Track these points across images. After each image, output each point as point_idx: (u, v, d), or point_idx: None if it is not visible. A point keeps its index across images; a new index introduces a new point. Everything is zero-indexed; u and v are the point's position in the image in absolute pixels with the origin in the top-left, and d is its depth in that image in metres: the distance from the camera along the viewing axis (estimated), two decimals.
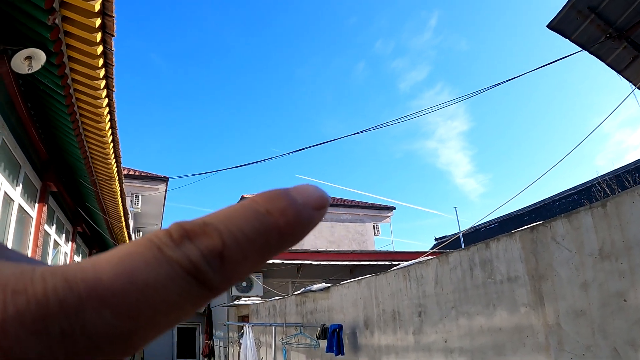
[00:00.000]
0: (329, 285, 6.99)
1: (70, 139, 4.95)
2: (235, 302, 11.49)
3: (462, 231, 13.88)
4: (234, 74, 61.89)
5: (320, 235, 18.33)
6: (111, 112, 4.45)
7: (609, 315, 2.74)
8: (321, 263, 12.83)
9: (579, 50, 5.42)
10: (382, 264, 12.82)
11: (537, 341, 3.25)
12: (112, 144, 5.04)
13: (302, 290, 7.80)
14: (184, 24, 62.08)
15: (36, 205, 5.81)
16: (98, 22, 3.26)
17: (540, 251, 3.26)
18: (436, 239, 21.55)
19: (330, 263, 12.92)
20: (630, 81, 5.59)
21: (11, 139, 4.69)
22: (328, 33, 63.39)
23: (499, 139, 62.11)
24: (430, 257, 4.76)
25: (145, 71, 57.02)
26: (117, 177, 5.96)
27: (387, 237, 19.53)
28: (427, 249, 17.27)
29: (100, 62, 3.64)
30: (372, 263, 13.33)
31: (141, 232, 15.33)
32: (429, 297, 4.50)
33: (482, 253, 3.82)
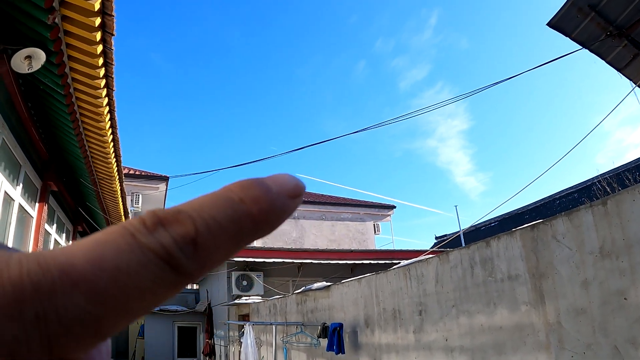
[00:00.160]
0: (329, 284, 6.99)
1: (71, 138, 4.95)
2: (236, 301, 11.50)
3: (463, 230, 13.89)
4: (234, 73, 61.87)
5: (320, 234, 18.34)
6: (111, 111, 4.45)
7: (610, 314, 2.74)
8: (322, 262, 12.83)
9: (579, 48, 5.41)
10: (383, 262, 12.82)
11: (538, 339, 3.25)
12: (112, 143, 5.04)
13: (302, 289, 7.80)
14: (184, 23, 62.04)
15: (36, 204, 5.82)
16: (98, 21, 3.26)
17: (541, 249, 3.26)
18: (436, 238, 21.56)
19: (331, 262, 12.92)
20: (630, 79, 5.58)
21: (11, 139, 4.69)
22: (328, 32, 63.35)
23: (499, 138, 62.13)
24: (431, 256, 4.76)
25: (146, 70, 57.00)
26: (118, 177, 5.96)
27: (388, 236, 19.55)
28: (427, 247, 17.29)
29: (100, 61, 3.63)
30: (372, 262, 13.34)
31: None
32: (429, 296, 4.50)
33: (483, 251, 3.82)
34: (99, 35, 3.38)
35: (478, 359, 3.81)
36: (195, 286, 18.62)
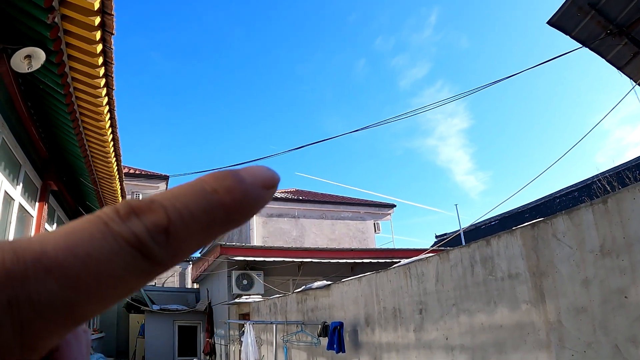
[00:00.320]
0: (329, 282, 7.00)
1: (70, 137, 4.95)
2: (236, 300, 11.51)
3: (463, 228, 13.90)
4: (234, 71, 61.86)
5: (321, 233, 18.35)
6: (111, 111, 4.45)
7: (610, 312, 2.74)
8: (322, 261, 12.84)
9: (579, 46, 5.41)
10: (383, 261, 12.82)
11: (538, 338, 3.25)
12: (112, 143, 5.03)
13: (302, 288, 7.80)
14: (184, 21, 62.00)
15: (36, 204, 5.82)
16: (97, 21, 3.26)
17: (541, 248, 3.26)
18: (437, 237, 21.58)
19: (331, 261, 12.92)
20: (630, 78, 5.58)
21: (11, 138, 4.69)
22: (328, 30, 63.34)
23: (499, 137, 62.08)
24: (431, 255, 4.76)
25: (145, 69, 56.96)
26: (118, 176, 5.96)
27: (388, 235, 19.54)
28: (427, 246, 17.30)
29: (100, 60, 3.63)
30: (372, 260, 13.34)
31: None
32: (429, 295, 4.50)
33: (483, 250, 3.82)
34: (98, 35, 3.38)
35: (478, 357, 3.81)
36: (195, 285, 18.64)
